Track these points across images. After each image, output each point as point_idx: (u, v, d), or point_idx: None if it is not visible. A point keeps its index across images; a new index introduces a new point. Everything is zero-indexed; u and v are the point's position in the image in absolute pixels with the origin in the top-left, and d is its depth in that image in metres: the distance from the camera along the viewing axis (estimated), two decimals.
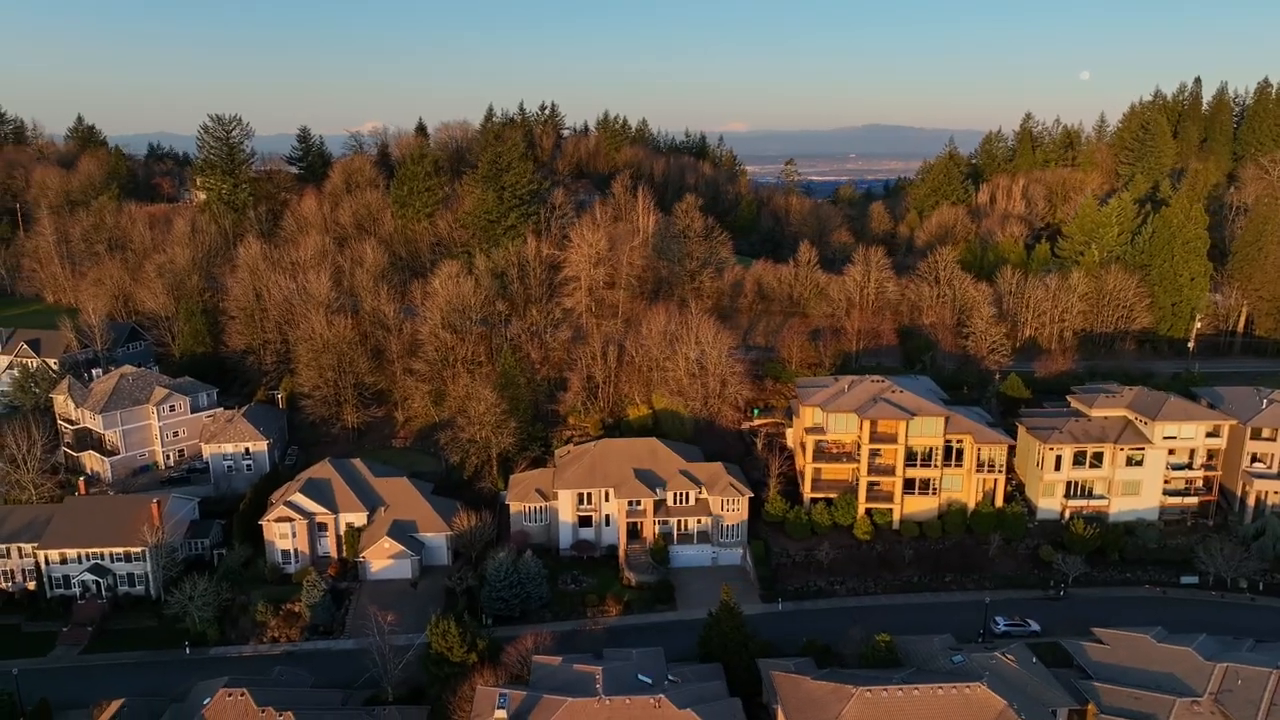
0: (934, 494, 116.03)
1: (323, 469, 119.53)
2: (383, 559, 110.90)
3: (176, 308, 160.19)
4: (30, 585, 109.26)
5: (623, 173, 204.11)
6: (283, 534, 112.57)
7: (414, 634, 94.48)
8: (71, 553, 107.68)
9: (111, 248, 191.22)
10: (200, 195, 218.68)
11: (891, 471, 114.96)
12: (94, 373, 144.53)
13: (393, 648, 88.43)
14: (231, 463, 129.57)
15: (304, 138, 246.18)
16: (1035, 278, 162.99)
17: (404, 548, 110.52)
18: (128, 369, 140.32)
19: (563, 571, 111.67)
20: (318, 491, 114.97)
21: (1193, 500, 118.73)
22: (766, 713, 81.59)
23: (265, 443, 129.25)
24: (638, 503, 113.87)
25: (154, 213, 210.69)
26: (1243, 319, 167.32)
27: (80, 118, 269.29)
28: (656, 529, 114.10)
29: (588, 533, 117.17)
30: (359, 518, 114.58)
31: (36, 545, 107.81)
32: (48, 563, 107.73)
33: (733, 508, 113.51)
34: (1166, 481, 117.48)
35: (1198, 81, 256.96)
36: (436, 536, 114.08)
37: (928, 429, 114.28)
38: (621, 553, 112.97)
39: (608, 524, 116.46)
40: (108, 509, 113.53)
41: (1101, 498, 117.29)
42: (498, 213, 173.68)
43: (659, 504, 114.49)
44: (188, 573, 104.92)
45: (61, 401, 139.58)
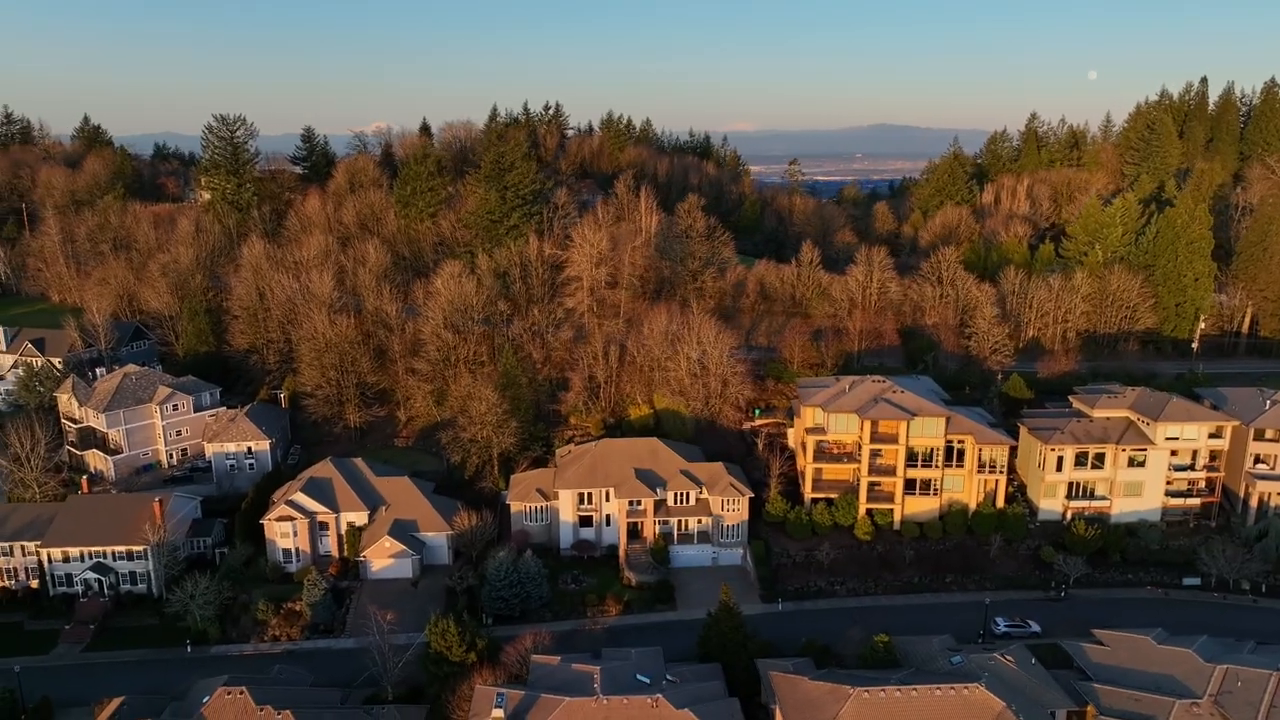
0: (935, 494, 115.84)
1: (324, 468, 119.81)
2: (384, 558, 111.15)
3: (180, 307, 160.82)
4: (33, 583, 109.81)
5: (626, 173, 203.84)
6: (284, 533, 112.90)
7: (414, 633, 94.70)
8: (74, 551, 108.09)
9: (116, 247, 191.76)
10: (205, 195, 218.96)
11: (892, 472, 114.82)
12: (98, 372, 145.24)
13: (392, 647, 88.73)
14: (234, 462, 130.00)
15: (308, 137, 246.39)
16: (1039, 278, 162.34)
17: (405, 547, 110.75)
18: (131, 368, 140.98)
19: (563, 571, 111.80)
20: (319, 491, 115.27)
21: (1195, 501, 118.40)
22: (765, 713, 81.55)
23: (268, 442, 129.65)
24: (638, 502, 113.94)
25: (159, 212, 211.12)
26: (1247, 319, 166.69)
27: (87, 118, 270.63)
28: (657, 529, 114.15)
29: (588, 532, 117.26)
30: (360, 517, 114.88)
31: (39, 543, 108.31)
32: (50, 561, 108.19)
33: (733, 508, 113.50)
34: (1169, 482, 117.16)
35: (1204, 81, 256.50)
36: (437, 536, 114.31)
37: (929, 429, 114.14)
38: (622, 552, 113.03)
39: (608, 524, 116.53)
40: (110, 508, 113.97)
41: (1103, 499, 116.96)
42: (500, 212, 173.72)
43: (659, 504, 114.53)
44: (189, 571, 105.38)
45: (65, 400, 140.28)
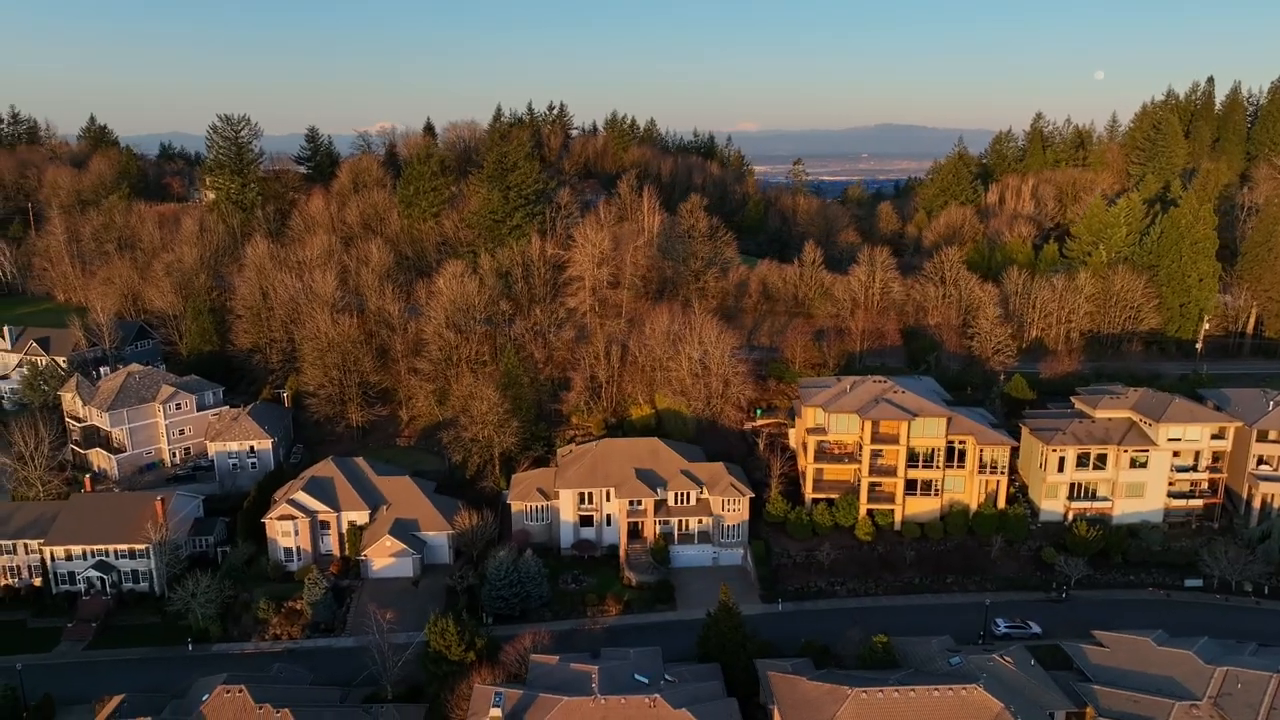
0: (936, 495, 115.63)
1: (325, 467, 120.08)
2: (384, 557, 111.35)
3: (184, 306, 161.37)
4: (36, 581, 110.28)
5: (629, 172, 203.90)
6: (285, 532, 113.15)
7: (414, 632, 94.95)
8: (77, 549, 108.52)
9: (121, 247, 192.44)
10: (209, 195, 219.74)
11: (893, 472, 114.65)
12: (102, 371, 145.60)
13: (392, 646, 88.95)
14: (236, 461, 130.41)
15: (312, 138, 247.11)
16: (1042, 278, 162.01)
17: (406, 546, 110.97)
18: (135, 367, 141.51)
19: (563, 571, 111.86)
20: (320, 490, 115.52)
21: (1197, 503, 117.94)
22: (764, 713, 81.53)
23: (270, 441, 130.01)
24: (639, 502, 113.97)
25: (163, 212, 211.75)
26: (1252, 320, 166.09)
27: (93, 118, 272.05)
28: (657, 529, 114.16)
29: (589, 532, 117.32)
30: (361, 516, 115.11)
31: (42, 541, 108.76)
32: (53, 559, 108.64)
33: (734, 508, 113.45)
34: (1171, 484, 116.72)
35: (1210, 81, 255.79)
36: (438, 535, 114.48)
37: (930, 430, 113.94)
38: (622, 552, 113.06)
39: (609, 524, 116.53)
40: (113, 506, 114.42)
41: (1105, 499, 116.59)
42: (503, 212, 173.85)
43: (660, 504, 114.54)
44: (191, 570, 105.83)
45: (69, 399, 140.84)
